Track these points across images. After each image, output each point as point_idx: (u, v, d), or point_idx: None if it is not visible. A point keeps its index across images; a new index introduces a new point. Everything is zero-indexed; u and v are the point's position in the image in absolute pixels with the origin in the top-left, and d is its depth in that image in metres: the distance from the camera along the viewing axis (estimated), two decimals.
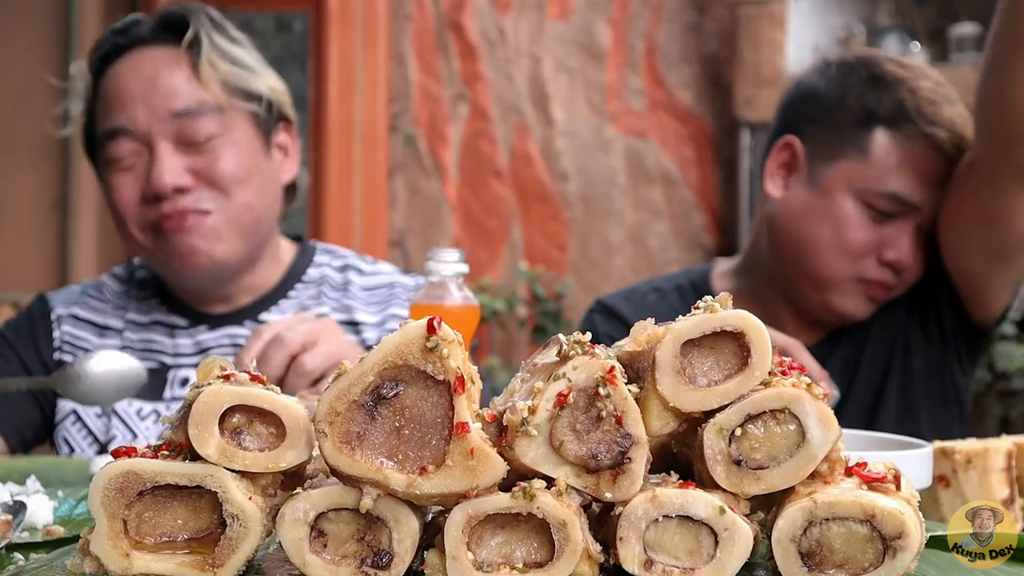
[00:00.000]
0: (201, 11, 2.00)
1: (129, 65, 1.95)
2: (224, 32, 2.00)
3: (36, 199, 4.60)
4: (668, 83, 4.75)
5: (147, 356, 2.00)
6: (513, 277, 4.76)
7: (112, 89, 1.94)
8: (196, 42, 1.94)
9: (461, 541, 0.89)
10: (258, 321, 2.02)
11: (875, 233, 2.00)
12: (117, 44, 1.97)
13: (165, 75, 1.93)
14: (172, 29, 1.97)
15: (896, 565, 0.90)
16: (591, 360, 0.91)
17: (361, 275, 2.13)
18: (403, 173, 4.79)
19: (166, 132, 1.90)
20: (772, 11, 4.45)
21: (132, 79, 1.93)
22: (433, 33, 4.80)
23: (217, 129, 1.92)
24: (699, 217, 4.73)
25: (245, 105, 1.96)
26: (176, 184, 1.88)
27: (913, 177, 1.98)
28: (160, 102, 1.90)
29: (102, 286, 2.11)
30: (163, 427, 0.95)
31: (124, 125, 1.91)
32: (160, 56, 1.95)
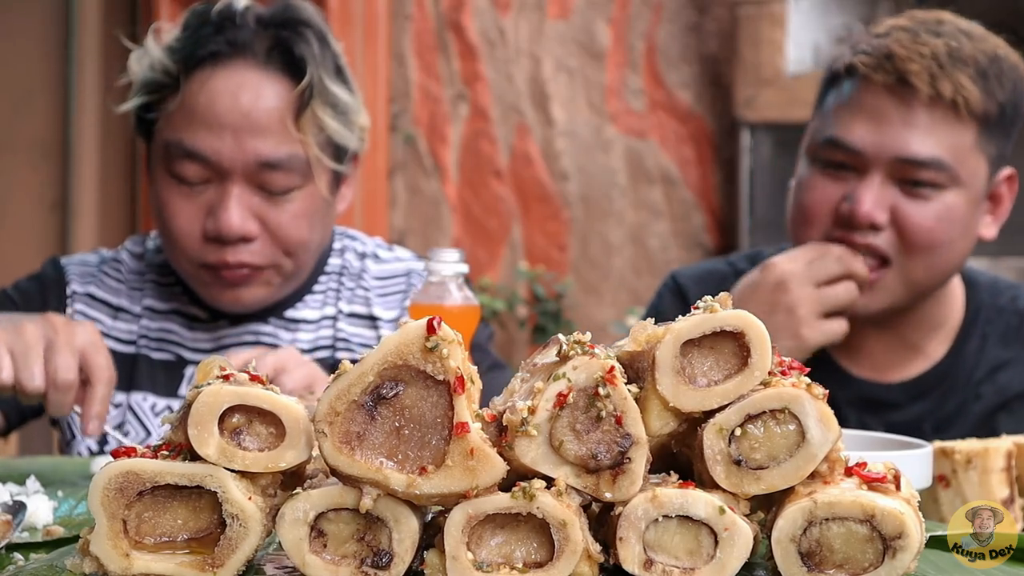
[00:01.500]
0: (312, 34, 1.84)
1: (226, 82, 1.80)
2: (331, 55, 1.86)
3: (36, 199, 4.60)
4: (668, 83, 4.75)
5: (163, 347, 1.93)
6: (513, 277, 4.76)
7: (203, 102, 1.80)
8: (308, 87, 1.80)
9: (461, 541, 0.89)
10: (283, 319, 1.96)
11: (830, 190, 1.79)
12: (216, 50, 1.81)
13: (263, 115, 1.79)
14: (281, 49, 1.82)
15: (896, 565, 0.90)
16: (591, 360, 0.91)
17: (377, 262, 2.06)
18: (403, 173, 4.79)
19: (246, 174, 1.79)
20: (772, 11, 4.45)
21: (227, 103, 1.79)
22: (433, 33, 4.80)
23: (298, 182, 1.82)
24: (699, 217, 4.73)
25: (332, 164, 1.86)
26: (243, 232, 1.79)
27: (853, 119, 1.78)
28: (250, 144, 1.78)
29: (119, 262, 2.00)
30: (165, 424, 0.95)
31: (205, 153, 1.79)
32: (263, 85, 1.80)
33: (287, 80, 1.81)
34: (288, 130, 1.80)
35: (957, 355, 1.91)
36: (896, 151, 1.75)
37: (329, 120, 1.82)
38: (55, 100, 4.54)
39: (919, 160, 1.75)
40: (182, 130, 1.81)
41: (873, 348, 1.91)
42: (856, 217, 1.76)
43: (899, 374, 1.91)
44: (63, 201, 4.58)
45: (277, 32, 1.83)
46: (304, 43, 1.82)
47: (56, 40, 4.56)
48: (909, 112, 1.75)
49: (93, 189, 4.54)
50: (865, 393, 1.89)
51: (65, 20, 4.55)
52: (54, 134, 4.55)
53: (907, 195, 1.77)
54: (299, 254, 1.87)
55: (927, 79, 1.73)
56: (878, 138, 1.76)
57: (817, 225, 1.81)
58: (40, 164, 4.58)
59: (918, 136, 1.75)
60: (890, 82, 1.75)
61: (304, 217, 1.84)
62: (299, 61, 1.81)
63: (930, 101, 1.74)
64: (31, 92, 4.55)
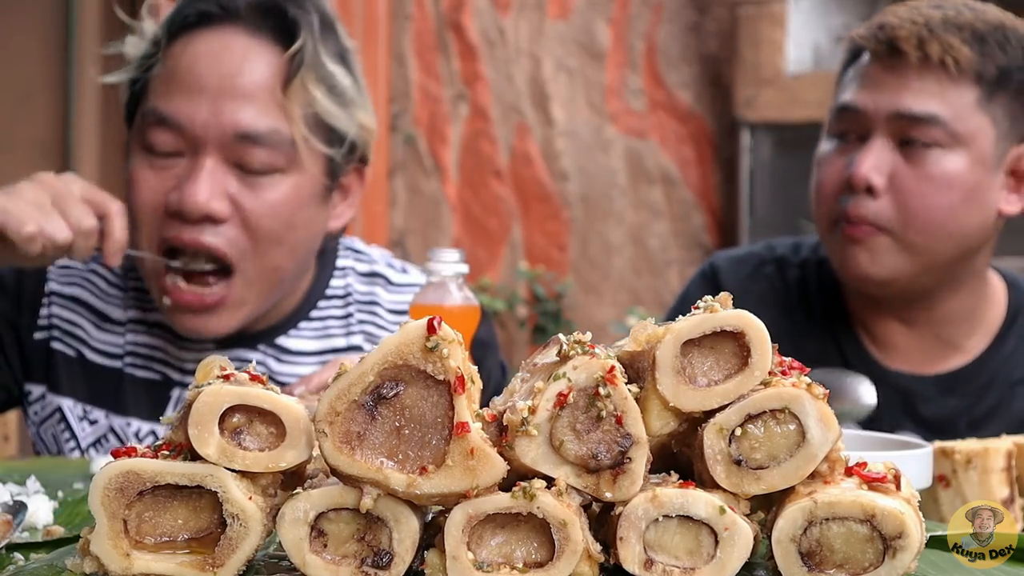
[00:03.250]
0: (313, 8, 1.68)
1: (210, 45, 1.63)
2: (333, 39, 1.69)
3: None
4: (668, 83, 4.75)
5: (149, 365, 1.77)
6: (513, 277, 4.76)
7: (183, 66, 1.63)
8: (298, 52, 1.63)
9: (461, 541, 0.89)
10: (274, 346, 1.78)
11: (837, 162, 1.82)
12: (205, 11, 1.65)
13: (247, 81, 1.62)
14: (275, 15, 1.65)
15: (896, 565, 0.90)
16: (591, 360, 0.91)
17: (389, 288, 1.87)
18: (403, 173, 4.79)
19: (221, 147, 1.61)
20: (772, 11, 4.45)
21: (207, 66, 1.62)
22: (433, 33, 4.80)
23: (280, 163, 1.63)
24: (699, 217, 4.73)
25: (322, 148, 1.66)
26: (209, 210, 1.59)
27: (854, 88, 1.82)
28: (228, 112, 1.60)
29: None
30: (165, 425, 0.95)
31: (178, 119, 1.61)
32: (251, 50, 1.63)
33: (279, 49, 1.64)
34: (273, 101, 1.62)
35: (996, 353, 1.90)
36: (892, 107, 1.77)
37: (321, 97, 1.65)
38: (55, 100, 4.54)
39: (915, 114, 1.77)
40: (158, 96, 1.65)
41: (908, 343, 1.91)
42: (853, 180, 1.76)
43: (934, 368, 1.91)
44: None
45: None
46: (300, 10, 1.66)
47: (56, 40, 4.56)
48: (903, 75, 1.78)
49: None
50: (897, 385, 1.88)
51: (65, 20, 4.55)
52: (54, 134, 4.55)
53: (907, 160, 1.77)
54: (268, 251, 1.65)
55: (915, 43, 1.76)
56: (875, 97, 1.78)
57: (825, 199, 1.83)
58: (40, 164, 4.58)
59: (911, 92, 1.77)
60: (881, 50, 1.79)
61: (284, 207, 1.64)
62: (292, 26, 1.64)
63: (920, 63, 1.77)
64: (31, 92, 4.55)
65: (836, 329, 1.93)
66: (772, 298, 1.97)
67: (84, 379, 1.77)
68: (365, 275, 1.88)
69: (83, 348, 1.78)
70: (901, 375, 1.89)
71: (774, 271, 2.00)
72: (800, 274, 1.99)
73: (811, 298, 1.97)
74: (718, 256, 2.11)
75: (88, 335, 1.78)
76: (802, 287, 1.98)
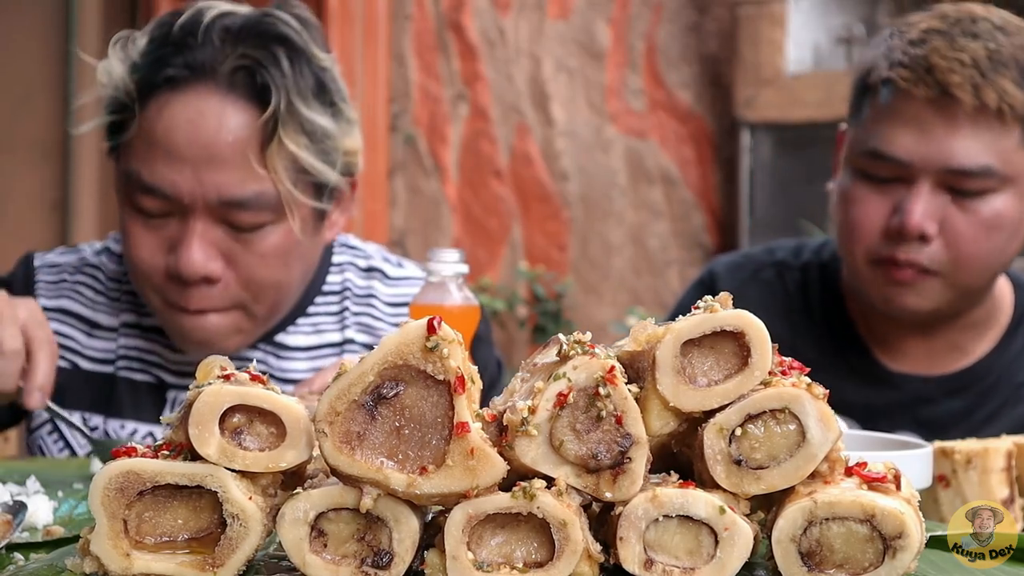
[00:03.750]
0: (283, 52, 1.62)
1: (185, 111, 1.61)
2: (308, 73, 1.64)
3: (36, 199, 4.60)
4: (668, 83, 4.75)
5: (145, 368, 1.79)
6: (513, 277, 4.76)
7: (160, 132, 1.61)
8: (273, 115, 1.60)
9: (461, 541, 0.89)
10: (272, 343, 1.81)
11: (877, 205, 1.76)
12: (173, 76, 1.62)
13: (225, 148, 1.59)
14: (244, 75, 1.62)
15: (896, 565, 0.90)
16: (591, 360, 0.91)
17: (387, 281, 1.90)
18: (403, 173, 4.79)
19: (208, 210, 1.61)
20: (772, 11, 4.45)
21: (185, 134, 1.60)
22: (433, 33, 4.80)
23: (268, 218, 1.63)
24: (699, 217, 4.73)
25: (307, 201, 1.66)
26: (205, 272, 1.62)
27: (895, 130, 1.73)
28: (210, 180, 1.59)
29: (99, 268, 1.84)
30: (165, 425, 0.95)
31: (163, 189, 1.61)
32: (225, 114, 1.60)
33: (253, 107, 1.61)
34: (253, 167, 1.60)
35: (1002, 354, 1.90)
36: (943, 162, 1.72)
37: (303, 152, 1.62)
38: (55, 100, 4.54)
39: (967, 170, 1.72)
40: (140, 161, 1.64)
41: (916, 347, 1.90)
42: (906, 230, 1.72)
43: (939, 369, 1.90)
44: (63, 201, 4.58)
45: (244, 51, 1.63)
46: (273, 64, 1.62)
47: (56, 40, 4.56)
48: (953, 122, 1.71)
49: (93, 189, 4.55)
50: (902, 387, 1.88)
51: (65, 20, 4.55)
52: (54, 134, 4.55)
53: (957, 204, 1.74)
54: (270, 296, 1.69)
55: (970, 90, 1.69)
56: (923, 149, 1.72)
57: (865, 240, 1.78)
58: (40, 164, 4.58)
59: (964, 145, 1.71)
60: (932, 95, 1.71)
61: (277, 256, 1.66)
62: (262, 88, 1.61)
63: (974, 111, 1.70)
64: (31, 92, 4.55)
65: (838, 332, 1.92)
66: (771, 303, 1.96)
67: (79, 388, 1.79)
68: (363, 270, 1.90)
69: (76, 358, 1.80)
70: (906, 377, 1.89)
71: (773, 276, 1.99)
72: (801, 278, 1.98)
73: (812, 302, 1.96)
74: (716, 262, 2.10)
75: (80, 344, 1.80)
76: (803, 291, 1.97)
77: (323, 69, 1.68)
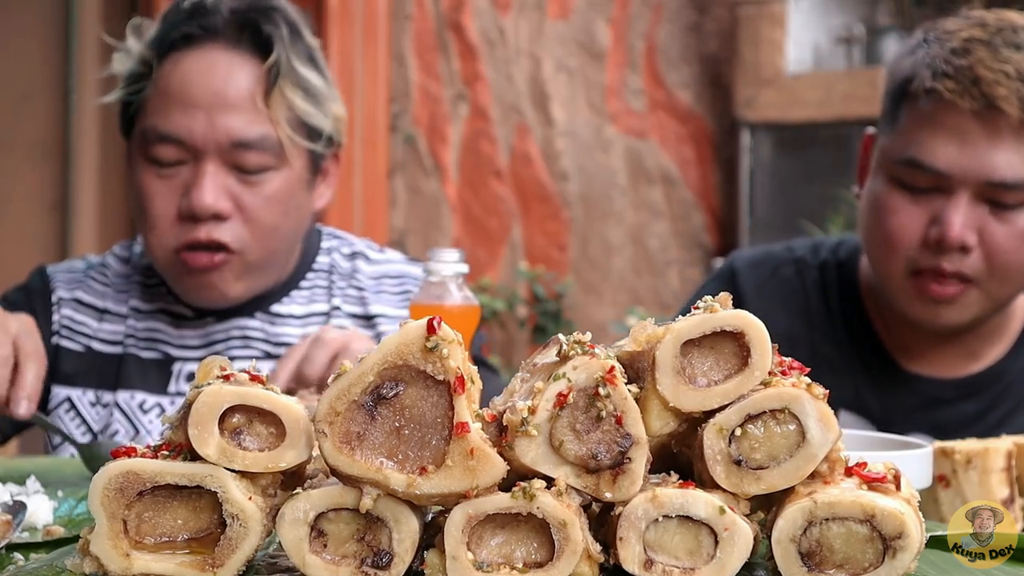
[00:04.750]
0: (282, 19, 1.89)
1: (198, 63, 1.84)
2: (302, 44, 1.90)
3: (36, 199, 4.60)
4: (668, 83, 4.75)
5: (151, 346, 1.95)
6: (513, 277, 4.76)
7: (175, 84, 1.83)
8: (275, 65, 1.84)
9: (461, 541, 0.89)
10: (269, 312, 1.98)
11: (914, 215, 1.75)
12: (188, 33, 1.85)
13: (234, 94, 1.82)
14: (250, 31, 1.86)
15: (896, 565, 0.90)
16: (591, 360, 0.91)
17: (368, 263, 2.08)
18: (403, 173, 4.79)
19: (220, 153, 1.82)
20: (772, 11, 4.45)
21: (198, 84, 1.82)
22: (433, 33, 4.80)
23: (272, 162, 1.84)
24: (699, 217, 4.73)
25: (305, 144, 1.88)
26: (216, 209, 1.80)
27: (935, 140, 1.73)
28: (221, 123, 1.81)
29: (105, 267, 2.03)
30: (165, 424, 0.95)
31: (178, 134, 1.81)
32: (234, 65, 1.84)
33: (257, 60, 1.85)
34: (259, 111, 1.83)
35: (1015, 359, 1.90)
36: (985, 175, 1.72)
37: (299, 101, 1.85)
38: (55, 100, 4.55)
39: (1007, 183, 1.72)
40: (157, 115, 1.84)
41: (932, 351, 1.90)
42: (946, 241, 1.72)
43: (954, 372, 1.90)
44: (63, 201, 4.58)
45: (246, 15, 1.87)
46: (272, 24, 1.86)
47: (56, 40, 4.57)
48: (996, 135, 1.71)
49: (93, 189, 4.55)
50: (917, 388, 1.89)
51: (65, 20, 4.55)
52: (54, 134, 4.55)
53: (995, 215, 1.74)
54: (269, 237, 1.87)
55: (1016, 103, 1.69)
56: (964, 161, 1.72)
57: (902, 251, 1.77)
58: (40, 164, 4.59)
59: (1006, 158, 1.71)
60: (977, 107, 1.71)
61: (278, 200, 1.86)
62: (267, 41, 1.84)
63: (1019, 124, 1.70)
64: (31, 92, 4.55)
65: (856, 332, 1.92)
66: (792, 300, 1.97)
67: (93, 368, 1.96)
68: (347, 255, 2.11)
69: (90, 341, 1.97)
70: (921, 378, 1.89)
71: (793, 273, 2.00)
72: (819, 276, 1.98)
73: (831, 300, 1.96)
74: (737, 257, 2.09)
75: (92, 329, 1.97)
76: (822, 289, 1.98)
77: (313, 47, 1.92)
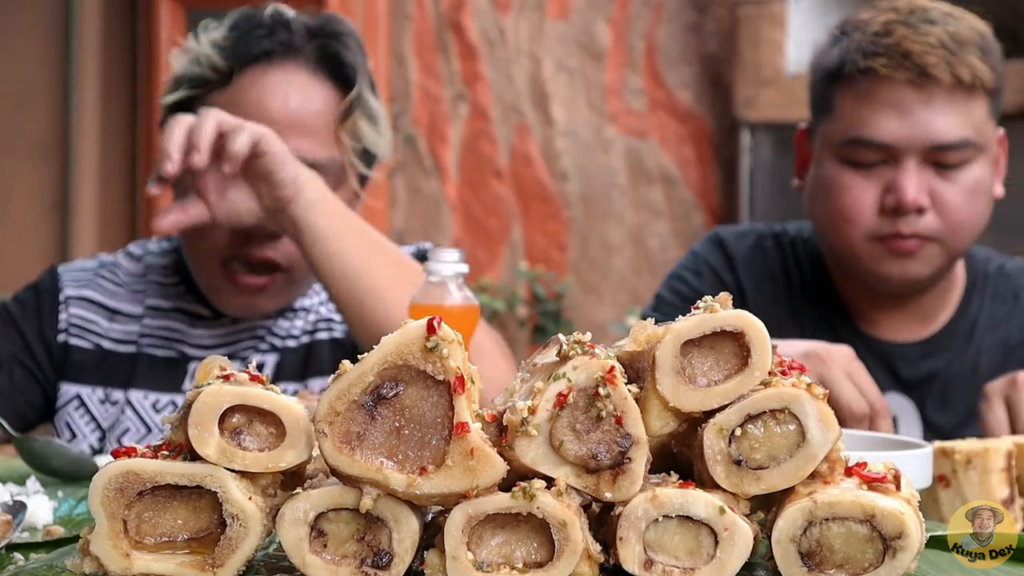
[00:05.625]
0: (356, 45, 1.91)
1: (277, 81, 1.85)
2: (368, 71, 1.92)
3: (36, 199, 4.60)
4: (668, 83, 4.75)
5: (166, 344, 1.96)
6: (513, 277, 4.76)
7: (252, 100, 1.84)
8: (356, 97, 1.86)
9: (461, 541, 0.89)
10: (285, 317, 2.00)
11: (867, 188, 1.88)
12: (269, 49, 1.86)
13: (310, 117, 1.85)
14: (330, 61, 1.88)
15: (896, 565, 0.90)
16: (591, 360, 0.91)
17: None
18: (403, 173, 4.79)
19: None
20: (772, 11, 4.45)
21: (276, 102, 1.84)
22: (433, 33, 4.80)
23: (331, 184, 1.84)
24: (699, 217, 4.73)
25: (363, 170, 1.93)
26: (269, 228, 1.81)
27: (877, 115, 1.85)
28: (294, 143, 1.79)
29: (117, 266, 2.03)
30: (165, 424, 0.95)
31: None
32: (311, 88, 1.87)
33: (333, 87, 1.88)
34: (329, 134, 1.86)
35: (961, 318, 2.05)
36: (928, 140, 1.84)
37: (367, 130, 1.89)
38: (55, 100, 4.54)
39: (950, 144, 1.85)
40: None
41: (891, 318, 2.03)
42: (903, 206, 1.84)
43: (914, 335, 2.03)
44: (63, 201, 4.58)
45: (325, 41, 1.89)
46: (351, 54, 1.89)
47: (56, 40, 4.56)
48: (931, 101, 1.84)
49: (93, 189, 4.54)
50: (882, 351, 2.02)
51: (65, 20, 4.55)
52: (54, 134, 4.55)
53: (941, 176, 1.87)
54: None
55: (945, 68, 1.82)
56: (907, 130, 1.84)
57: (861, 222, 1.89)
58: (40, 164, 4.58)
59: (945, 120, 1.84)
60: (911, 77, 1.83)
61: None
62: (347, 70, 1.87)
63: (950, 87, 1.83)
64: (31, 92, 4.55)
65: (826, 302, 2.06)
66: (776, 269, 2.11)
67: (103, 366, 1.96)
68: None
69: (99, 340, 1.97)
70: (885, 343, 2.02)
71: (773, 245, 2.13)
72: (792, 250, 2.12)
73: (805, 273, 2.10)
74: (719, 229, 2.22)
75: (101, 328, 1.97)
76: (796, 262, 2.11)
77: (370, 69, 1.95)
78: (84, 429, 1.94)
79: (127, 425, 1.92)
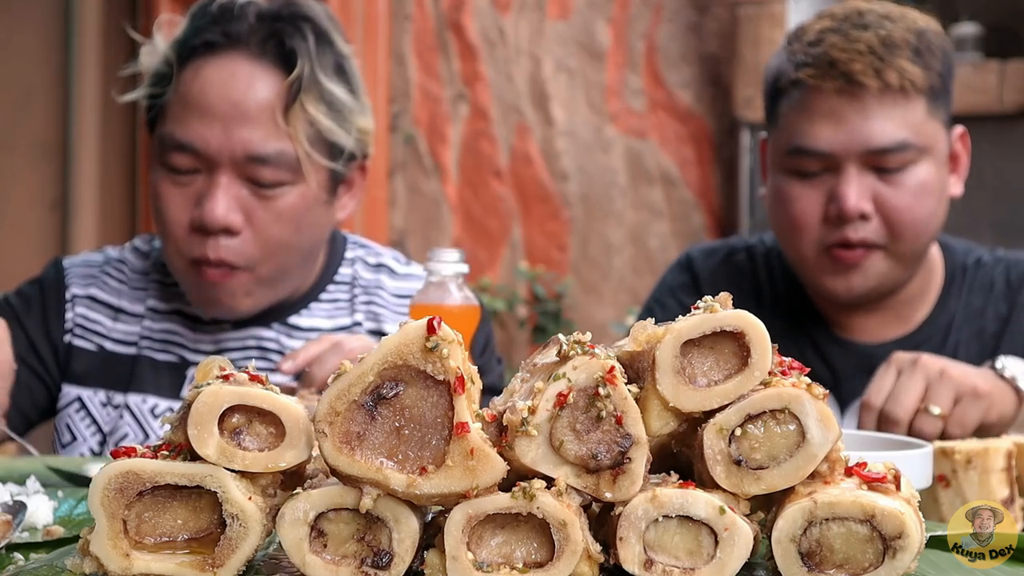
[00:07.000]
0: (310, 29, 1.82)
1: (219, 72, 1.79)
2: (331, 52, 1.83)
3: (36, 199, 4.60)
4: (668, 83, 4.75)
5: (166, 348, 1.93)
6: (513, 277, 4.76)
7: (195, 92, 1.79)
8: (297, 79, 1.78)
9: (461, 541, 0.89)
10: (287, 324, 1.95)
11: (812, 197, 1.89)
12: (211, 40, 1.80)
13: (253, 107, 1.77)
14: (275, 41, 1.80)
15: (896, 565, 0.90)
16: (591, 360, 0.91)
17: (393, 277, 2.03)
18: (403, 173, 4.79)
19: (234, 166, 1.77)
20: (772, 11, 4.45)
21: (217, 94, 1.77)
22: (433, 33, 4.80)
23: (287, 178, 1.79)
24: (699, 217, 4.73)
25: (325, 162, 1.82)
26: (226, 223, 1.76)
27: (812, 125, 1.87)
28: (237, 136, 1.76)
29: (123, 262, 1.99)
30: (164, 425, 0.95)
31: (194, 144, 1.77)
32: (255, 76, 1.78)
33: (280, 73, 1.79)
34: (277, 126, 1.77)
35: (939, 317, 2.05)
36: (863, 145, 1.85)
37: (321, 117, 1.79)
38: (55, 100, 4.54)
39: (885, 147, 1.86)
40: (175, 121, 1.80)
41: (865, 323, 2.04)
42: (845, 213, 1.85)
43: (891, 335, 2.04)
44: (63, 201, 4.58)
45: (273, 26, 1.81)
46: (299, 37, 1.80)
47: (56, 40, 4.56)
48: (863, 107, 1.85)
49: (93, 189, 4.54)
50: (859, 353, 2.03)
51: (65, 19, 4.55)
52: (54, 134, 4.55)
53: (883, 180, 1.88)
54: (279, 257, 1.83)
55: (872, 74, 1.84)
56: (842, 137, 1.86)
57: (809, 232, 1.91)
58: (40, 164, 4.58)
59: (878, 125, 1.85)
60: (839, 85, 1.85)
61: (292, 216, 1.81)
62: (290, 53, 1.78)
63: (879, 92, 1.85)
64: (31, 92, 4.55)
65: (800, 310, 2.08)
66: (743, 283, 2.12)
67: (104, 368, 1.93)
68: (372, 265, 2.05)
69: (102, 341, 1.94)
70: (863, 345, 2.04)
71: (745, 258, 2.15)
72: (766, 261, 2.14)
73: (777, 283, 2.12)
74: (692, 248, 2.26)
75: (105, 328, 1.94)
76: (769, 272, 2.13)
77: (343, 56, 1.86)
78: (84, 432, 1.92)
79: (125, 430, 1.90)
